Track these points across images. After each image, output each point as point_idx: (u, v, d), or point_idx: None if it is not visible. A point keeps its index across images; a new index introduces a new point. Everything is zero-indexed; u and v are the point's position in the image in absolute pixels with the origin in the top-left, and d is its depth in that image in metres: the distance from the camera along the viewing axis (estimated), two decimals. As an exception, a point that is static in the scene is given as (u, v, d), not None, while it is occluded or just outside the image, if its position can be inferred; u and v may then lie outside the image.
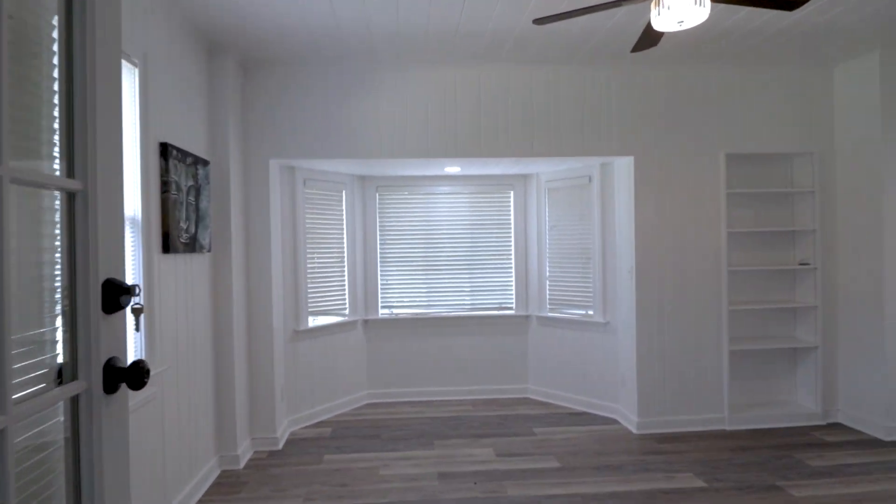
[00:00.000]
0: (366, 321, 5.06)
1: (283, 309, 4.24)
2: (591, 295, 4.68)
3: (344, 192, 4.87)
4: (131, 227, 2.58)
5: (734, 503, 3.10)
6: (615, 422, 4.47)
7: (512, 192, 5.17)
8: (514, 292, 5.18)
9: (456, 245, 5.14)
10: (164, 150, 2.81)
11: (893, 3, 3.26)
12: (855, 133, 4.21)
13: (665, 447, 3.92)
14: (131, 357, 2.55)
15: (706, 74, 4.28)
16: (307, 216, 4.49)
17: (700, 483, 3.37)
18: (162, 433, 2.79)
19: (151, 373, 2.63)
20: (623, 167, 4.38)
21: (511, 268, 5.18)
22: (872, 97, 4.05)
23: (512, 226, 5.18)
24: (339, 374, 4.78)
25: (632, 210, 4.24)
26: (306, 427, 4.45)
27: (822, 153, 4.36)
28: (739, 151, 4.28)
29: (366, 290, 5.06)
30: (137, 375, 0.99)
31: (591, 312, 4.69)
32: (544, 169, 4.87)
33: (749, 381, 4.53)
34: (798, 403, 4.49)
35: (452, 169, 4.69)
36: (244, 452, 3.74)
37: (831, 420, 4.37)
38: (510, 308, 5.19)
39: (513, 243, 5.18)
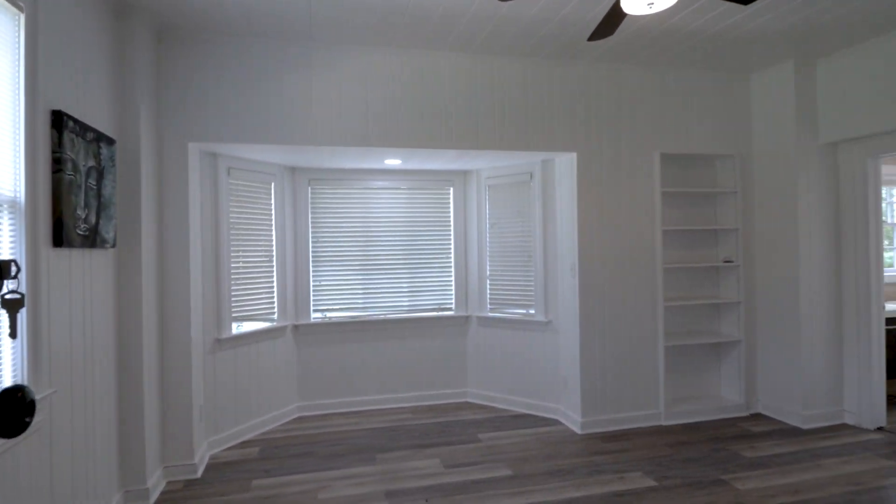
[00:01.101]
0: (296, 326, 4.53)
1: (202, 315, 3.65)
2: (532, 294, 4.49)
3: (273, 184, 4.32)
4: (10, 212, 1.98)
5: (687, 501, 2.99)
6: (558, 423, 4.29)
7: (452, 189, 4.87)
8: (453, 292, 4.87)
9: (394, 243, 4.76)
10: (58, 119, 2.22)
11: (808, 17, 3.36)
12: (771, 138, 4.35)
13: (610, 446, 3.79)
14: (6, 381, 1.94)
15: (644, 75, 4.25)
16: (231, 210, 3.91)
17: (651, 482, 3.24)
18: (49, 471, 2.17)
19: (36, 397, 2.03)
20: (565, 164, 4.24)
21: (451, 267, 4.88)
22: (787, 104, 4.20)
23: (452, 223, 4.88)
24: (267, 385, 4.22)
25: (574, 207, 4.10)
26: (230, 448, 3.85)
27: (743, 156, 4.48)
28: (672, 152, 4.29)
29: (296, 293, 4.54)
30: (14, 412, 0.56)
31: (532, 312, 4.50)
32: (485, 165, 4.62)
33: (679, 375, 4.54)
34: (723, 396, 4.57)
35: (393, 161, 4.32)
36: (155, 485, 3.12)
37: (753, 411, 4.48)
38: (450, 309, 4.88)
39: (452, 242, 4.88)
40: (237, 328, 3.95)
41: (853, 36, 3.72)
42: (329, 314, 4.62)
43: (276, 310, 4.31)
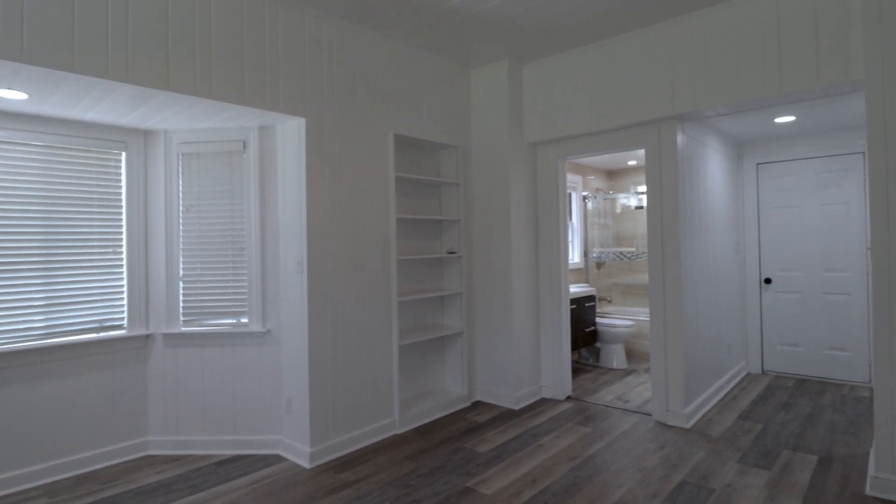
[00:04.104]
0: None
1: None
2: (244, 298, 3.37)
3: None
4: None
5: (448, 527, 2.50)
6: (280, 459, 3.31)
7: (124, 154, 3.28)
8: (126, 303, 3.30)
9: (18, 232, 2.93)
10: None
11: (524, 14, 3.33)
12: (487, 132, 4.34)
13: (347, 477, 3.04)
14: None
15: (381, 45, 3.63)
16: None
17: (403, 513, 2.65)
18: None
19: None
20: (291, 133, 3.28)
21: (122, 267, 3.29)
22: (501, 104, 4.23)
23: (124, 204, 3.29)
24: None
25: (303, 187, 3.20)
26: None
27: (465, 148, 4.36)
28: (405, 134, 3.82)
29: None
30: None
31: (244, 321, 3.39)
32: (179, 124, 3.24)
33: (409, 375, 4.13)
34: (448, 389, 4.36)
35: (15, 94, 2.57)
36: None
37: (474, 399, 4.40)
38: (120, 327, 3.29)
39: (125, 231, 3.29)
40: None
41: (554, 45, 3.89)
42: None
43: None
